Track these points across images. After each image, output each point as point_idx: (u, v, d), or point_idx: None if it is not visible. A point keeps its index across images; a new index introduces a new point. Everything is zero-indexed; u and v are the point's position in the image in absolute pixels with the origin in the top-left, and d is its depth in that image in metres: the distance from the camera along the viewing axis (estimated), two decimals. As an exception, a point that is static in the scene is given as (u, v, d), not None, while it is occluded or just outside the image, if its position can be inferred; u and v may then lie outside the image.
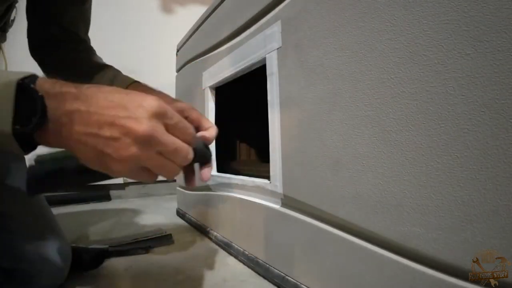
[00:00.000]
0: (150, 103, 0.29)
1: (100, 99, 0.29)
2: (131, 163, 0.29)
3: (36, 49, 0.65)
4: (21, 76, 0.28)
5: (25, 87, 0.28)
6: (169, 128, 0.30)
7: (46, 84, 0.29)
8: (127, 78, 0.59)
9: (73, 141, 0.29)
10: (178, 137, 0.31)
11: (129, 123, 0.28)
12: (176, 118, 0.31)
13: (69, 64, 0.63)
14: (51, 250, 0.50)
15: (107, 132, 0.28)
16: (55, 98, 0.28)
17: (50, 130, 0.28)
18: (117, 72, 0.62)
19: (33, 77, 0.29)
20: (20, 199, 0.50)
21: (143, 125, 0.28)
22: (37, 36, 0.64)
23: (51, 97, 0.28)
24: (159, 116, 0.29)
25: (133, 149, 0.28)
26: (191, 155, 0.32)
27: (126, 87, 0.56)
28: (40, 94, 0.28)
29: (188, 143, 0.32)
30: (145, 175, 0.31)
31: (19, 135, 0.27)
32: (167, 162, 0.31)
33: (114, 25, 1.58)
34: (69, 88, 0.29)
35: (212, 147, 0.81)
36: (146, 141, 0.28)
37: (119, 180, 1.50)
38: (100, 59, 0.67)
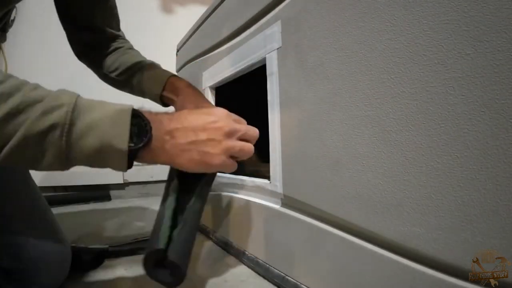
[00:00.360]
0: (221, 110, 0.42)
1: (188, 117, 0.39)
2: (225, 153, 0.39)
3: (80, 55, 0.69)
4: (130, 106, 0.34)
5: (135, 113, 0.34)
6: (236, 121, 0.43)
7: (145, 112, 0.36)
8: (164, 72, 0.64)
9: (179, 151, 0.37)
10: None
11: (216, 124, 0.39)
12: (236, 115, 0.44)
13: (114, 63, 0.67)
14: (52, 250, 0.50)
15: (203, 135, 0.38)
16: (154, 122, 0.36)
17: (153, 148, 0.35)
18: (154, 66, 0.67)
19: (133, 108, 0.35)
20: (20, 199, 0.50)
21: (225, 122, 0.40)
22: (76, 43, 0.67)
23: (152, 121, 0.35)
24: (229, 116, 0.42)
25: (224, 142, 0.39)
26: (257, 133, 0.44)
27: (167, 80, 0.62)
28: (148, 121, 0.35)
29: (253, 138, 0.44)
30: (233, 163, 0.41)
31: (129, 153, 0.33)
32: (245, 144, 0.42)
33: (114, 25, 1.57)
34: (162, 114, 0.38)
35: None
36: (231, 132, 0.40)
37: (119, 180, 1.50)
38: (137, 52, 0.71)
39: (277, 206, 0.54)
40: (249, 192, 0.64)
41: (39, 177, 1.32)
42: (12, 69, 1.38)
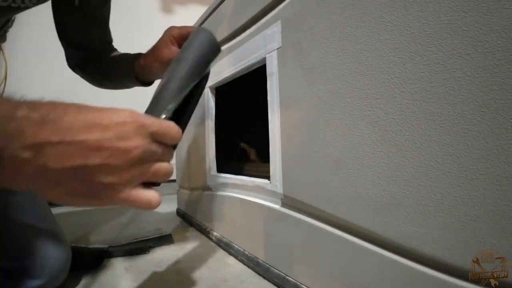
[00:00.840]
0: (132, 116, 0.27)
1: (73, 123, 0.24)
2: (130, 183, 0.26)
3: (75, 69, 0.68)
4: None
5: None
6: (153, 136, 0.28)
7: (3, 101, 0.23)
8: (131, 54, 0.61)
9: (48, 181, 0.24)
10: (163, 140, 0.29)
11: (120, 144, 0.25)
12: (156, 124, 0.28)
13: (112, 72, 0.65)
14: (51, 250, 0.50)
15: (96, 159, 0.24)
16: (14, 128, 0.22)
17: (5, 172, 0.23)
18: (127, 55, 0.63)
19: None
20: (20, 200, 0.50)
21: (134, 143, 0.26)
22: (73, 60, 0.67)
23: (7, 127, 0.22)
24: (143, 127, 0.27)
25: (132, 169, 0.26)
26: (177, 134, 0.30)
27: (135, 60, 0.57)
28: None
29: (176, 141, 0.31)
30: (148, 194, 0.28)
31: None
32: (160, 165, 0.29)
33: (114, 25, 1.57)
34: (25, 111, 0.23)
35: (212, 147, 0.81)
36: (142, 157, 0.26)
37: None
38: (119, 54, 0.68)
39: (277, 206, 0.54)
40: (249, 192, 0.64)
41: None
42: (12, 69, 1.38)
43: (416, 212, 0.31)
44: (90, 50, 0.65)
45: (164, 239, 0.80)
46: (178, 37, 0.51)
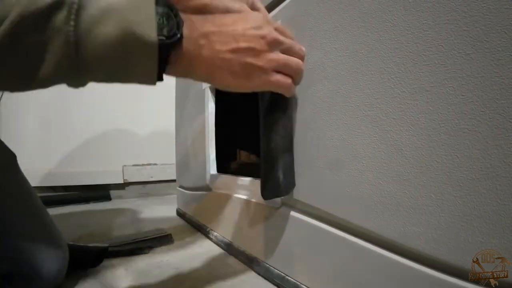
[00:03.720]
0: (260, 14, 0.36)
1: (224, 20, 0.32)
2: (270, 65, 0.34)
3: None
4: None
5: (162, 2, 0.26)
6: (277, 30, 0.36)
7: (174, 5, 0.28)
8: None
9: (218, 60, 0.31)
10: (285, 34, 0.38)
11: (258, 32, 0.33)
12: (277, 23, 0.38)
13: None
14: (48, 251, 0.49)
15: (243, 43, 0.32)
16: (186, 21, 0.28)
17: (187, 52, 0.28)
18: None
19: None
20: (14, 201, 0.49)
21: (267, 30, 0.34)
22: None
23: (183, 19, 0.28)
24: (270, 23, 0.35)
25: (268, 53, 0.34)
26: (304, 52, 0.40)
27: None
28: (178, 13, 0.27)
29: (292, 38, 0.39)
30: (283, 77, 0.36)
31: (161, 47, 0.26)
32: (290, 58, 0.37)
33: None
34: (193, 15, 0.30)
35: (212, 147, 0.81)
36: (274, 42, 0.34)
37: (119, 180, 1.50)
38: None
39: (277, 206, 0.54)
40: (249, 192, 0.64)
41: (39, 177, 1.32)
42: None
43: (416, 212, 0.31)
44: None
45: (164, 239, 0.80)
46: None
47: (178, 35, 0.27)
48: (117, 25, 0.24)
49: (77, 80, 0.26)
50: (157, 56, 0.26)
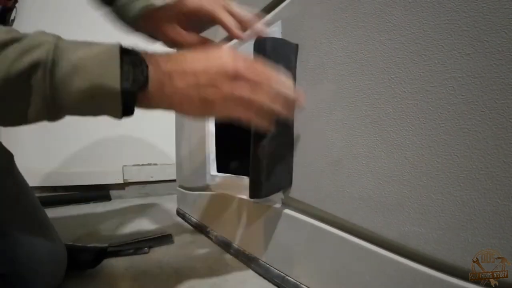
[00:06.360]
0: (227, 51, 0.36)
1: (187, 58, 0.34)
2: (229, 98, 0.35)
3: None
4: (118, 43, 0.30)
5: (127, 50, 0.30)
6: (247, 66, 0.36)
7: (140, 51, 0.32)
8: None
9: (178, 96, 0.33)
10: (252, 76, 0.36)
11: (219, 65, 0.34)
12: (249, 59, 0.37)
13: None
14: (45, 252, 0.48)
15: (203, 79, 0.34)
16: (151, 62, 0.32)
17: (152, 91, 0.32)
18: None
19: (122, 45, 0.31)
20: (11, 202, 0.49)
21: (229, 63, 0.34)
22: None
23: (148, 61, 0.32)
24: (236, 57, 0.35)
25: (228, 85, 0.34)
26: (281, 85, 0.38)
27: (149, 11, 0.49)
28: (143, 60, 0.31)
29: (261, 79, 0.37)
30: (241, 110, 0.36)
31: (124, 94, 0.30)
32: (253, 96, 0.36)
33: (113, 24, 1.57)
34: (158, 55, 0.33)
35: (212, 147, 0.81)
36: (235, 74, 0.34)
37: (119, 180, 1.50)
38: None
39: (277, 206, 0.54)
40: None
41: (39, 177, 1.32)
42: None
43: (416, 212, 0.31)
44: None
45: (164, 239, 0.80)
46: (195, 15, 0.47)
47: (142, 79, 0.31)
48: (86, 78, 0.28)
49: (55, 120, 0.31)
50: (121, 101, 0.30)
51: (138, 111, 0.34)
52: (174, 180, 1.17)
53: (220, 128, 0.82)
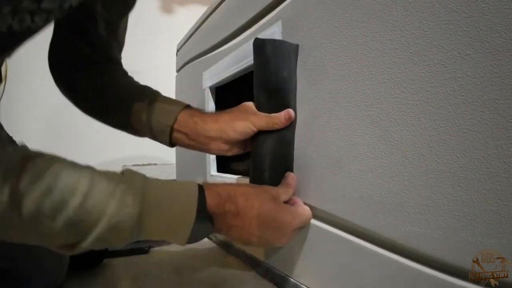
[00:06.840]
0: (301, 220, 0.43)
1: (253, 218, 0.38)
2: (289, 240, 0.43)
3: (59, 67, 0.57)
4: (195, 196, 0.35)
5: (200, 211, 0.35)
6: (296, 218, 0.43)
7: (213, 201, 0.37)
8: (172, 105, 0.53)
9: (243, 237, 0.40)
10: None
11: (275, 241, 0.42)
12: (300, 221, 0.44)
13: (101, 89, 0.56)
14: (46, 251, 0.49)
15: (254, 241, 0.40)
16: (219, 216, 0.37)
17: (216, 230, 0.39)
18: (156, 96, 0.54)
19: (202, 193, 0.36)
20: None
21: (286, 239, 0.42)
22: (62, 52, 0.55)
23: (216, 215, 0.37)
24: (301, 227, 0.44)
25: (290, 235, 0.42)
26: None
27: (178, 114, 0.52)
28: (211, 217, 0.37)
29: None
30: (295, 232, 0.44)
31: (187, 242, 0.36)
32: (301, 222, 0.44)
33: (114, 25, 1.57)
34: (230, 206, 0.38)
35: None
36: (297, 230, 0.43)
37: (119, 180, 1.50)
38: (134, 80, 0.59)
39: (277, 206, 0.54)
40: (249, 192, 0.64)
41: (39, 177, 1.32)
42: (12, 69, 1.38)
43: (416, 212, 0.31)
44: (88, 45, 0.53)
45: (164, 239, 0.80)
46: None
47: (204, 236, 0.38)
48: (160, 236, 0.35)
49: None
50: (184, 243, 0.37)
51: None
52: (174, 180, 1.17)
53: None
